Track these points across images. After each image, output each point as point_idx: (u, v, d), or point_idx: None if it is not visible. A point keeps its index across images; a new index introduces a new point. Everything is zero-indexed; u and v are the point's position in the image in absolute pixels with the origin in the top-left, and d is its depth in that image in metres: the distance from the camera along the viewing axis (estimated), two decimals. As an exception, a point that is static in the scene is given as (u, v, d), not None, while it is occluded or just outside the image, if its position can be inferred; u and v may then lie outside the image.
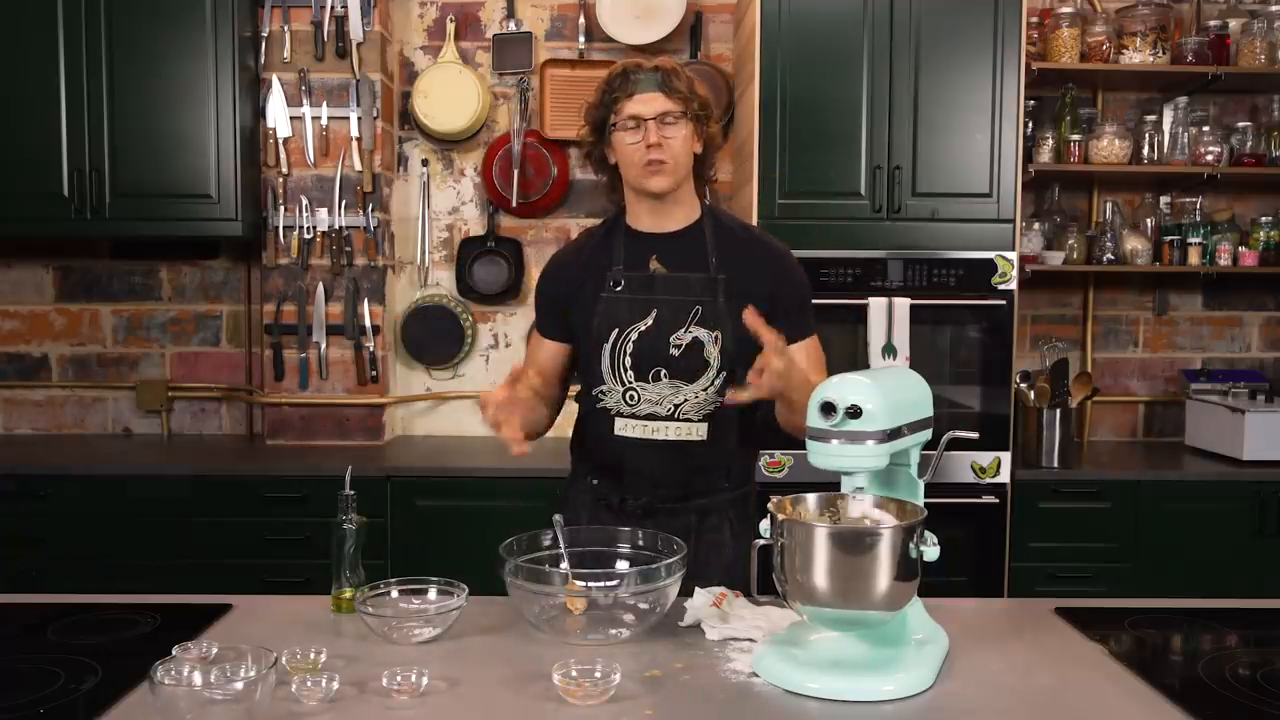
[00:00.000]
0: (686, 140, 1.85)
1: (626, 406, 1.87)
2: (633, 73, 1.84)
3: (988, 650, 1.51)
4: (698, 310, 1.84)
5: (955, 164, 3.09)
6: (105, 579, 2.96)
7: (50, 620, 1.62)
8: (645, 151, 1.81)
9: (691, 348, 1.84)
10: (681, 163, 1.85)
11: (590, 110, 1.90)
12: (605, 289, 1.87)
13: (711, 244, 1.89)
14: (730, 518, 1.94)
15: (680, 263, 1.88)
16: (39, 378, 3.71)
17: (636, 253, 1.89)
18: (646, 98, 1.82)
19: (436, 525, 3.05)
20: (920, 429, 1.49)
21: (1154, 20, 3.35)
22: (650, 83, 1.82)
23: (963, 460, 3.11)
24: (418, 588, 1.63)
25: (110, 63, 3.21)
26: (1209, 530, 3.13)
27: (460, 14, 3.62)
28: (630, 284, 1.87)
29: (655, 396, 1.85)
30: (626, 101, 1.82)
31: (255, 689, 1.20)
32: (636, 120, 1.81)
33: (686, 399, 1.85)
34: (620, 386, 1.86)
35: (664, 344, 1.84)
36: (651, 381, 1.85)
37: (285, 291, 3.46)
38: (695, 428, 1.87)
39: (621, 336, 1.85)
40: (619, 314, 1.86)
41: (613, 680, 1.31)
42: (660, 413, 1.86)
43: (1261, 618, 1.72)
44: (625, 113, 1.82)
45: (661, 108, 1.82)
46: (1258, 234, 3.51)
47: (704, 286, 1.86)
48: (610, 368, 1.86)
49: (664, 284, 1.86)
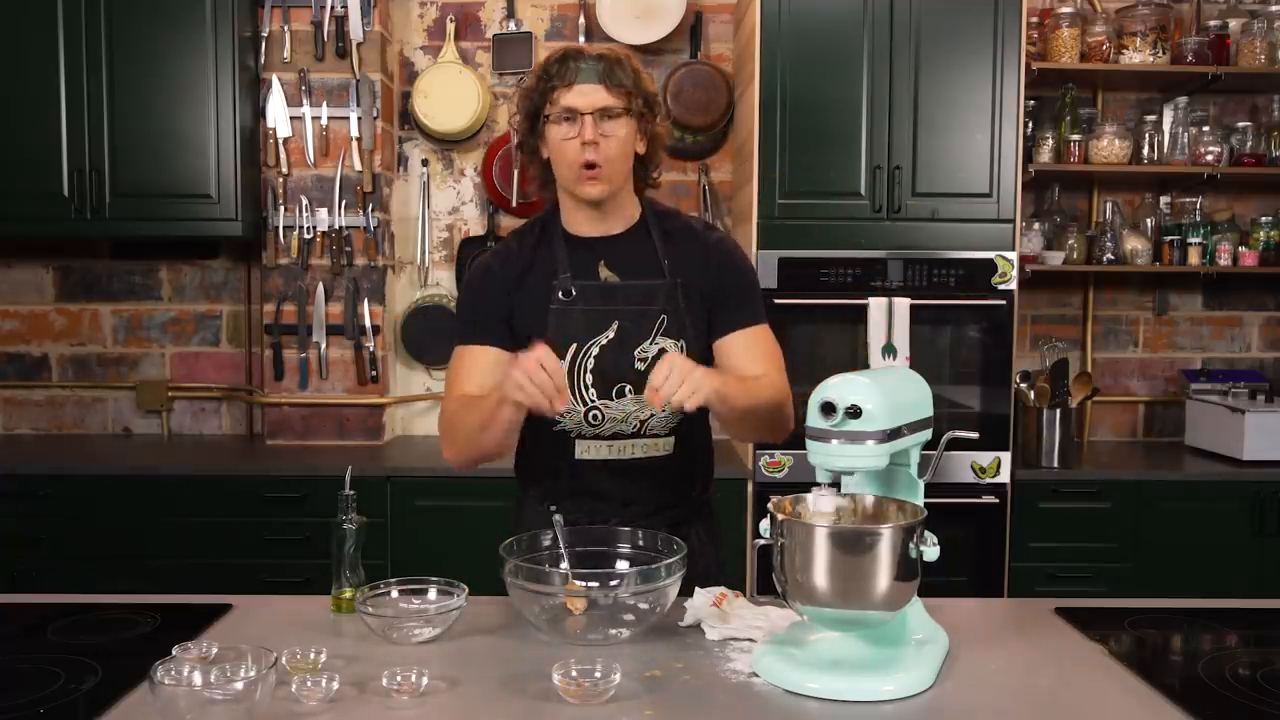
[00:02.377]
0: (626, 140, 1.68)
1: (589, 427, 1.72)
2: (573, 59, 1.66)
3: (988, 650, 1.51)
4: (663, 320, 1.71)
5: (955, 164, 3.09)
6: (105, 579, 2.96)
7: (50, 620, 1.61)
8: (580, 150, 1.65)
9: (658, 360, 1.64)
10: (619, 167, 1.69)
11: (524, 96, 1.71)
12: (554, 300, 1.70)
13: (661, 246, 1.75)
14: (697, 528, 1.84)
15: (631, 268, 1.73)
16: (39, 378, 3.71)
17: (582, 259, 1.73)
18: (585, 89, 1.64)
19: (436, 525, 3.05)
20: (920, 429, 1.49)
21: (1154, 20, 3.35)
22: (591, 73, 1.65)
23: (963, 460, 3.11)
24: (418, 588, 1.63)
25: (110, 63, 3.21)
26: (1209, 530, 3.13)
27: (460, 14, 3.62)
28: (583, 293, 1.71)
29: (620, 414, 1.71)
30: (564, 91, 1.65)
31: (255, 689, 1.20)
32: (572, 113, 1.65)
33: (653, 413, 1.72)
34: (581, 406, 1.71)
35: (628, 358, 1.70)
36: (615, 398, 1.70)
37: (285, 291, 3.46)
38: (662, 442, 1.75)
39: (581, 352, 1.70)
40: (574, 327, 1.70)
41: (613, 680, 1.31)
42: (625, 430, 1.72)
43: (1261, 618, 1.72)
44: (561, 103, 1.65)
45: (600, 102, 1.65)
46: (1258, 234, 3.51)
47: (666, 293, 1.72)
48: (569, 386, 1.67)
49: (623, 293, 1.72)
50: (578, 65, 1.66)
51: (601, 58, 1.67)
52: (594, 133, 1.65)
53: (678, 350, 1.72)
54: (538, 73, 1.70)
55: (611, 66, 1.66)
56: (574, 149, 1.66)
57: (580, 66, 1.66)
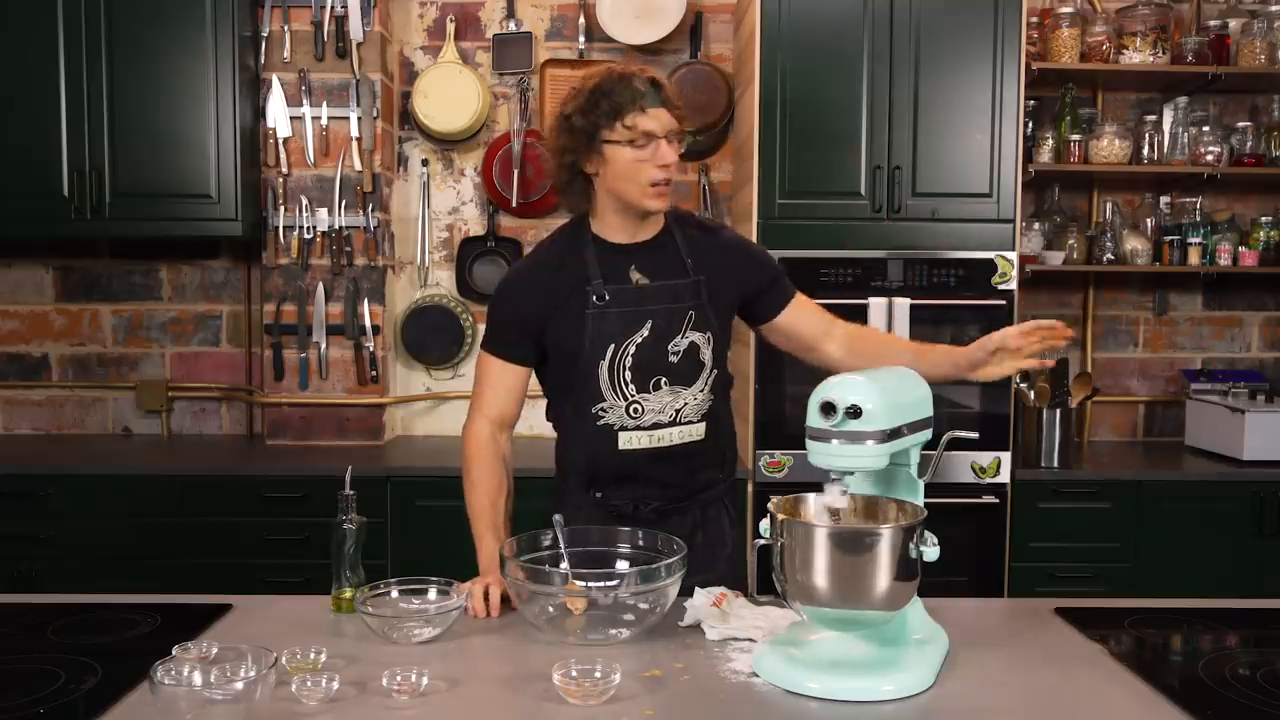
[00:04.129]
0: None
1: (630, 420, 1.85)
2: (636, 82, 1.76)
3: (988, 650, 1.51)
4: (691, 315, 1.85)
5: (955, 164, 3.09)
6: (105, 579, 2.96)
7: (50, 620, 1.62)
8: (656, 171, 1.76)
9: (688, 352, 1.85)
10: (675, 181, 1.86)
11: (579, 115, 1.78)
12: (590, 306, 1.82)
13: (684, 248, 1.89)
14: (726, 506, 2.00)
15: (659, 270, 1.86)
16: (39, 378, 3.71)
17: (614, 265, 1.85)
18: (658, 114, 1.76)
19: (436, 525, 3.04)
20: (920, 429, 1.49)
21: (1154, 20, 3.35)
22: (657, 98, 1.76)
23: (963, 460, 3.11)
24: (418, 588, 1.63)
25: (110, 63, 3.21)
26: (1209, 530, 3.13)
27: (460, 14, 3.62)
28: (616, 297, 1.83)
29: (658, 405, 1.85)
30: (639, 116, 1.74)
31: (255, 689, 1.20)
32: (649, 136, 1.75)
33: (686, 402, 1.86)
34: (623, 401, 1.84)
35: (662, 352, 1.84)
36: (652, 391, 1.84)
37: (285, 291, 3.46)
38: (695, 428, 1.88)
39: (619, 351, 1.82)
40: (611, 329, 1.82)
41: (613, 680, 1.31)
42: (664, 420, 1.86)
43: (1261, 618, 1.72)
44: (640, 128, 1.74)
45: (671, 125, 1.78)
46: (1258, 234, 3.51)
47: (691, 291, 1.86)
48: (610, 383, 1.83)
49: (653, 294, 1.85)
50: (643, 89, 1.75)
51: (654, 81, 1.78)
52: (672, 154, 1.77)
53: (705, 341, 1.86)
54: (595, 94, 1.77)
55: (667, 90, 1.78)
56: (648, 170, 1.76)
57: (646, 91, 1.76)
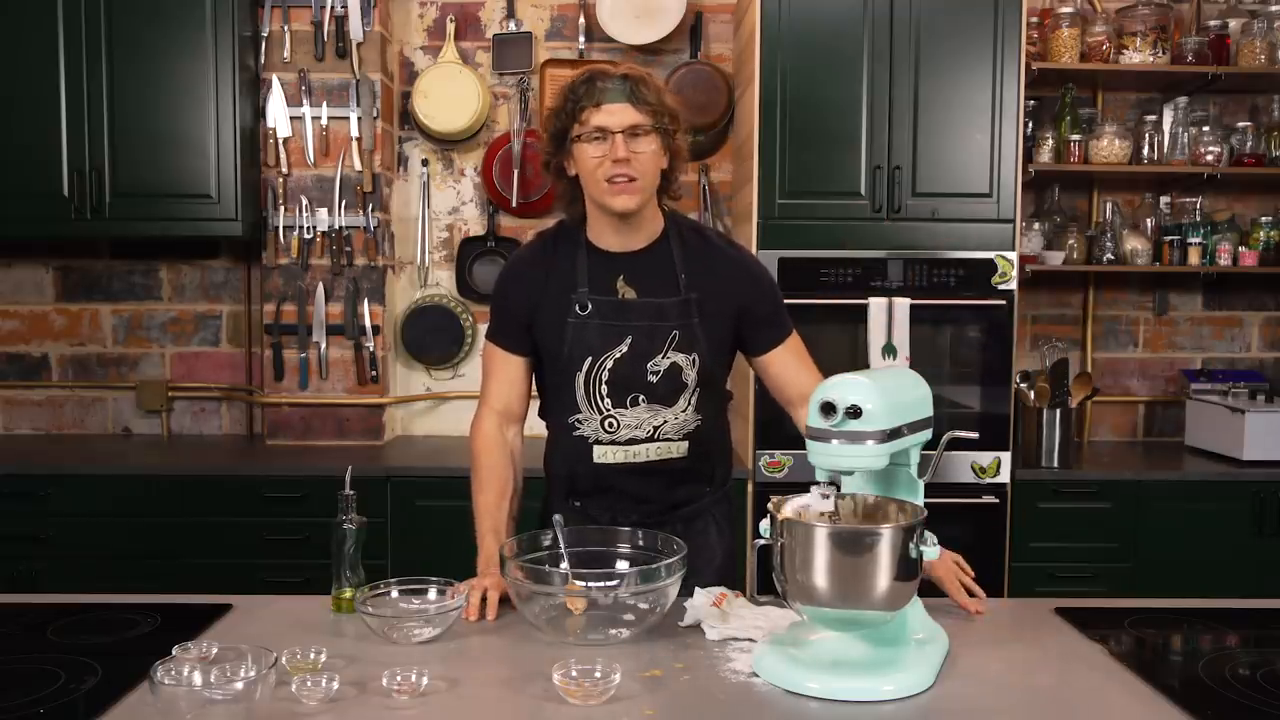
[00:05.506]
0: (655, 155, 1.75)
1: (605, 434, 1.81)
2: (599, 80, 1.72)
3: (988, 650, 1.51)
4: (674, 335, 1.78)
5: (955, 164, 3.09)
6: (105, 579, 2.96)
7: (50, 620, 1.62)
8: (610, 166, 1.71)
9: (669, 373, 1.79)
10: (649, 180, 1.75)
11: (551, 118, 1.78)
12: (571, 314, 1.78)
13: (680, 262, 1.81)
14: (714, 518, 1.94)
15: (649, 283, 1.80)
16: (39, 378, 3.71)
17: (601, 274, 1.81)
18: (614, 108, 1.70)
19: (436, 525, 3.04)
20: (920, 429, 1.49)
21: (1154, 20, 3.35)
22: (618, 93, 1.71)
23: (963, 460, 3.10)
24: (418, 588, 1.63)
25: (110, 63, 3.20)
26: (1209, 530, 3.13)
27: (460, 14, 3.62)
28: (599, 308, 1.79)
29: (634, 421, 1.80)
30: (593, 111, 1.71)
31: (255, 689, 1.20)
32: (603, 132, 1.71)
33: (666, 420, 1.81)
34: (597, 415, 1.80)
35: (640, 371, 1.78)
36: (629, 407, 1.79)
37: (285, 291, 3.46)
38: (675, 446, 1.84)
39: (596, 364, 1.78)
40: (590, 341, 1.78)
41: (613, 680, 1.31)
42: (640, 436, 1.81)
43: (1261, 618, 1.72)
44: (591, 124, 1.71)
45: (630, 120, 1.71)
46: (1258, 234, 3.50)
47: (679, 310, 1.79)
48: (586, 395, 1.79)
49: (636, 310, 1.79)
50: (604, 85, 1.72)
51: (626, 77, 1.73)
52: (625, 150, 1.71)
53: (690, 363, 1.79)
54: (563, 94, 1.76)
55: (636, 85, 1.72)
56: (605, 166, 1.72)
57: (606, 86, 1.72)
